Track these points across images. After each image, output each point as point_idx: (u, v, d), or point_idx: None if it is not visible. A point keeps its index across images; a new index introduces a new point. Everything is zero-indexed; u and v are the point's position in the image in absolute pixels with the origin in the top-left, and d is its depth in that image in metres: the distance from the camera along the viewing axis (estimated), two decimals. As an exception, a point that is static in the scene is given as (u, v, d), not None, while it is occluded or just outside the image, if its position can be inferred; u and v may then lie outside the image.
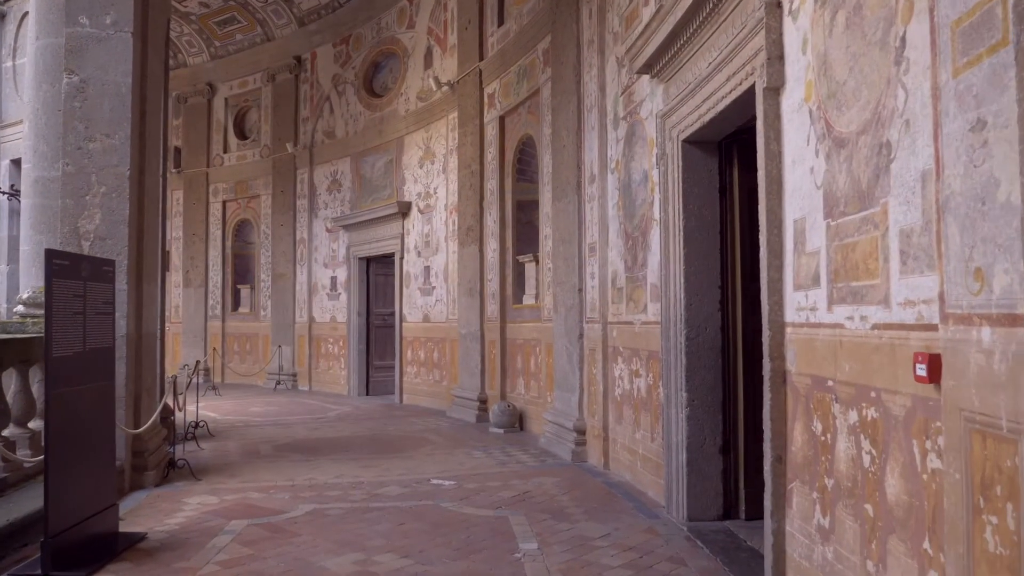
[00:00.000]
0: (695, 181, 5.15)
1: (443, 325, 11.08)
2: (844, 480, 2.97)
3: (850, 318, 2.90)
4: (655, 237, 5.66)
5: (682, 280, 5.11)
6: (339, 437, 8.53)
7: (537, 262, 8.77)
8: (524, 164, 9.34)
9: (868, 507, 2.78)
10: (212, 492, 5.66)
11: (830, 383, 3.09)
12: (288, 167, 14.27)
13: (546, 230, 8.30)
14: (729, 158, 5.20)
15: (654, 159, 5.67)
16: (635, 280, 6.10)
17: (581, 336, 7.20)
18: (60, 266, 3.40)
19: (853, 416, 2.89)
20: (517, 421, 8.88)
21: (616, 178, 6.54)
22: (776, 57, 3.62)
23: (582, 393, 7.18)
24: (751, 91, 4.03)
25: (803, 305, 3.35)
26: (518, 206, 9.38)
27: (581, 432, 7.10)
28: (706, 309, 5.13)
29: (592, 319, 6.98)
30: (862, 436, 2.82)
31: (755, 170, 5.23)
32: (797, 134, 3.42)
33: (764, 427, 3.74)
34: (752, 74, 3.91)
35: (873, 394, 2.73)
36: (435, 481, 6.22)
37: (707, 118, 4.67)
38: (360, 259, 12.92)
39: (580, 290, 7.21)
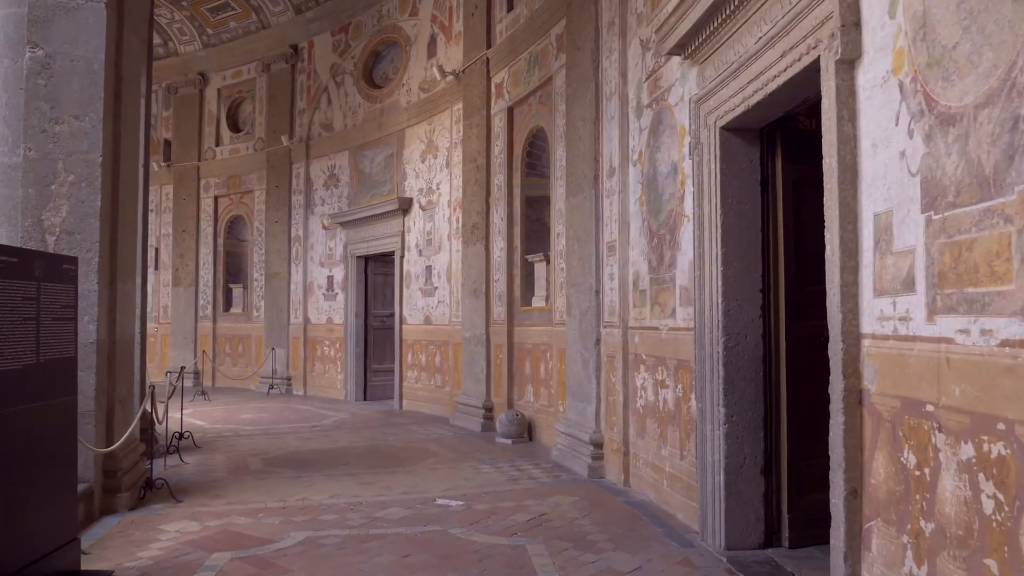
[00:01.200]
0: (734, 173, 4.63)
1: (445, 328, 10.55)
2: (952, 526, 2.44)
3: (964, 332, 2.38)
4: (686, 235, 5.14)
5: (719, 283, 4.59)
6: (335, 448, 7.99)
7: (548, 262, 8.25)
8: (534, 158, 8.82)
9: (991, 563, 2.26)
10: (193, 516, 5.11)
11: (929, 408, 2.57)
12: (283, 161, 13.72)
13: (558, 228, 7.78)
14: (771, 148, 4.68)
15: (685, 149, 5.15)
16: (661, 282, 5.58)
17: (598, 342, 6.68)
18: (6, 264, 2.85)
19: (967, 451, 2.37)
20: (526, 431, 8.35)
21: (639, 171, 6.02)
22: (851, 24, 3.09)
23: (599, 403, 6.65)
24: (813, 67, 3.51)
25: (888, 314, 2.83)
26: (527, 202, 8.85)
27: (598, 446, 6.57)
28: (746, 315, 4.61)
29: (611, 324, 6.46)
30: (982, 476, 2.30)
31: (801, 161, 4.74)
32: (880, 113, 2.90)
33: (832, 454, 3.22)
34: (816, 46, 3.39)
35: (1001, 426, 2.21)
36: (441, 501, 5.69)
37: (753, 101, 4.15)
38: (358, 258, 12.38)
39: (597, 292, 6.69)
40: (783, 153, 4.64)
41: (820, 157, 4.81)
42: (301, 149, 13.49)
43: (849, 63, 3.10)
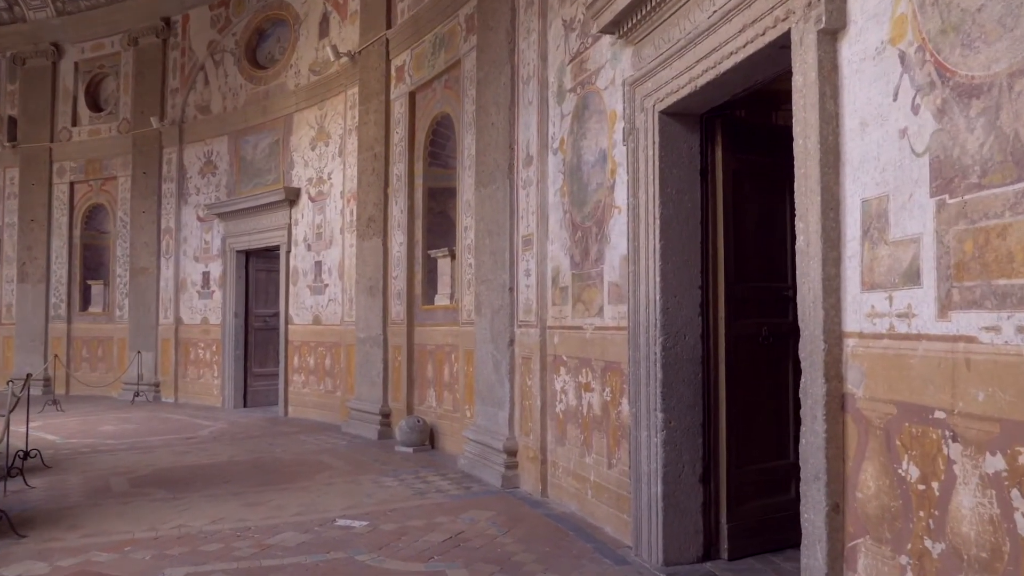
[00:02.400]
0: (673, 161, 4.32)
1: (337, 328, 9.81)
2: (971, 547, 2.17)
3: (991, 329, 2.10)
4: (617, 227, 4.80)
5: (657, 278, 4.27)
6: (215, 463, 7.13)
7: (453, 257, 7.74)
8: (438, 147, 8.28)
9: (1026, 593, 1.99)
10: (41, 555, 4.24)
11: (939, 415, 2.29)
12: (152, 145, 12.44)
13: (466, 221, 7.30)
14: (711, 136, 4.41)
15: (617, 135, 4.81)
16: (586, 278, 5.22)
17: (512, 342, 6.25)
18: None
19: (994, 463, 2.09)
20: (428, 439, 7.80)
21: (560, 160, 5.64)
22: (836, -10, 2.81)
23: (513, 408, 6.22)
24: (778, 43, 3.23)
25: (882, 310, 2.54)
26: (430, 194, 8.30)
27: (512, 454, 6.14)
28: (685, 313, 4.30)
29: (527, 323, 6.04)
30: (1016, 492, 2.02)
31: (741, 151, 4.51)
32: (872, 88, 2.62)
33: (806, 464, 2.93)
34: (787, 18, 3.09)
35: (1045, 437, 1.94)
36: (342, 521, 5.08)
37: (701, 82, 3.84)
38: (238, 252, 11.38)
39: (511, 289, 6.26)
40: (723, 142, 4.38)
41: (761, 147, 4.63)
42: (174, 132, 12.28)
43: (832, 34, 2.81)
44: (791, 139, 4.87)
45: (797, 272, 3.00)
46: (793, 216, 4.70)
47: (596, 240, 5.09)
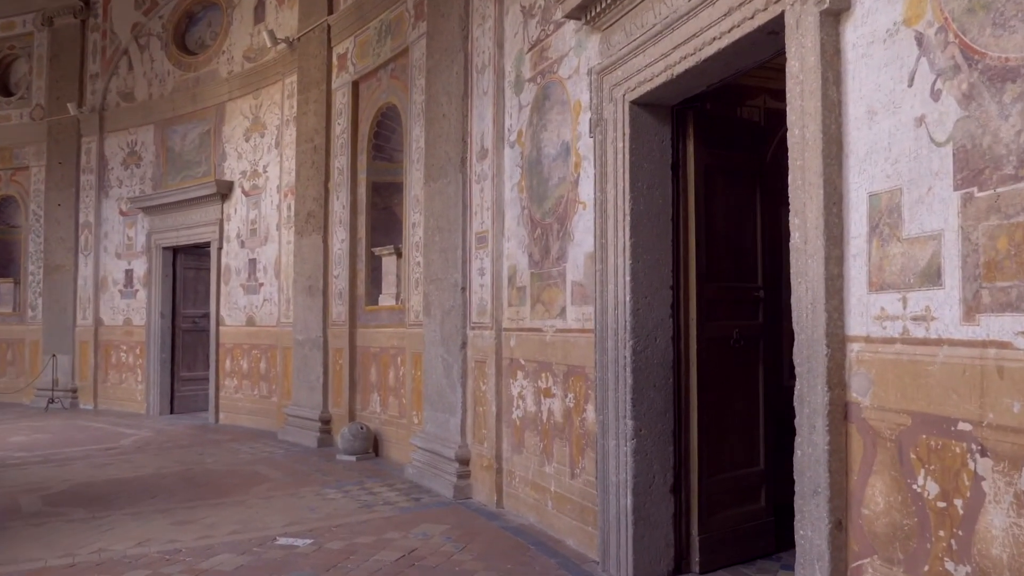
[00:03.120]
0: (644, 154, 4.10)
1: (273, 330, 9.30)
2: (1003, 572, 1.99)
3: (1031, 334, 1.92)
4: (581, 224, 4.56)
5: (627, 278, 4.04)
6: (140, 477, 6.58)
7: (400, 255, 7.37)
8: (383, 139, 7.90)
9: (1073, 624, 1.81)
10: (-61, 591, 3.75)
11: (964, 427, 2.10)
12: (70, 134, 11.60)
13: (414, 217, 6.95)
14: (682, 128, 4.21)
15: (582, 127, 4.56)
16: (546, 278, 4.96)
17: (464, 345, 5.94)
18: None
19: (1034, 482, 1.91)
20: (371, 446, 7.41)
21: (518, 153, 5.37)
22: (837, -31, 2.62)
23: (465, 415, 5.91)
24: (767, 27, 3.03)
25: (893, 313, 2.35)
26: (375, 189, 7.91)
27: (464, 462, 5.83)
28: (656, 314, 4.09)
29: (480, 325, 5.75)
30: (1060, 515, 1.85)
31: (712, 145, 4.32)
32: (881, 73, 2.43)
33: (801, 478, 2.72)
34: (779, 0, 2.89)
35: (1099, 453, 1.77)
36: (284, 540, 4.68)
37: (678, 70, 3.62)
38: (165, 249, 10.70)
39: (464, 289, 5.95)
40: (695, 135, 4.18)
41: (733, 142, 4.45)
42: (93, 120, 11.48)
43: (835, 15, 2.61)
44: (761, 134, 4.78)
45: (792, 272, 2.79)
46: (762, 213, 4.59)
47: (558, 237, 4.83)
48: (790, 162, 2.83)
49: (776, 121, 5.25)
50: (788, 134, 2.85)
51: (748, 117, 5.10)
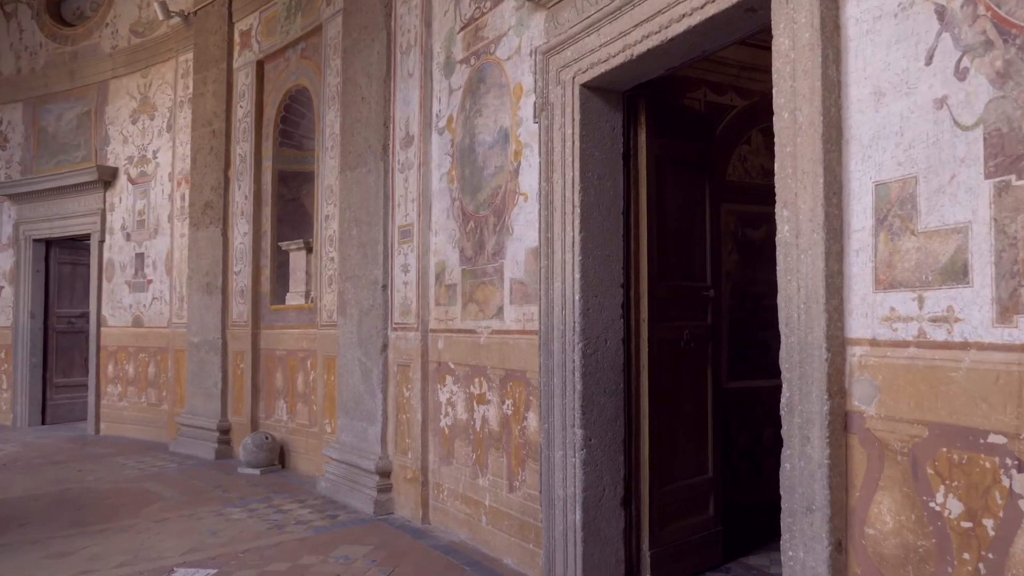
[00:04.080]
0: (595, 142, 3.81)
1: (163, 331, 8.48)
2: (1045, 604, 1.79)
3: (1084, 337, 1.72)
4: (521, 217, 4.22)
5: (577, 275, 3.73)
6: (7, 501, 5.73)
7: (310, 250, 6.81)
8: (292, 124, 7.29)
9: None
10: None
11: (995, 440, 1.90)
12: (-79, 110, 10.24)
13: (327, 209, 6.41)
14: (633, 116, 3.94)
15: (524, 112, 4.23)
16: (481, 275, 4.59)
17: (385, 347, 5.48)
18: None
19: (1086, 502, 1.71)
20: (277, 458, 6.81)
21: (448, 140, 4.98)
22: (835, -64, 2.39)
23: (386, 423, 5.46)
24: (747, 3, 2.79)
25: (906, 313, 2.14)
26: (282, 178, 7.29)
27: (385, 475, 5.38)
28: (606, 315, 3.80)
29: (404, 325, 5.31)
30: (1121, 539, 1.65)
31: (664, 134, 4.06)
32: (893, 51, 2.21)
33: (790, 494, 2.49)
34: (765, -29, 2.65)
35: None
36: (183, 572, 4.11)
37: (640, 50, 3.34)
38: (36, 241, 9.59)
39: (384, 287, 5.50)
40: (647, 123, 3.93)
41: (683, 132, 4.23)
42: (-51, 95, 10.17)
43: (833, -13, 2.38)
44: (708, 125, 4.56)
45: (780, 269, 2.55)
46: (712, 209, 4.40)
47: (494, 231, 4.48)
48: (777, 149, 2.59)
49: (716, 114, 5.11)
50: (775, 118, 2.60)
51: (693, 107, 4.93)
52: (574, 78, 3.78)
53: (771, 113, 2.57)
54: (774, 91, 2.61)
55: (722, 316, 4.97)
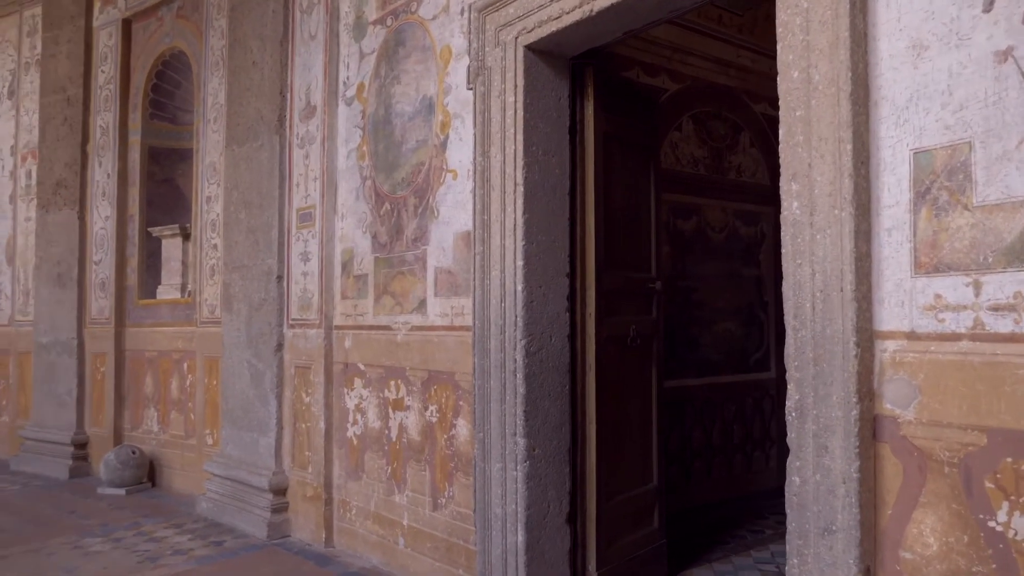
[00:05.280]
0: (540, 112, 3.37)
1: (4, 330, 7.28)
2: None
3: None
4: (449, 197, 3.72)
5: (519, 263, 3.28)
6: None
7: (187, 237, 5.98)
8: (165, 94, 6.39)
9: None
10: None
11: (1079, 449, 1.61)
12: None
13: (210, 189, 5.63)
14: (580, 86, 3.54)
15: (451, 79, 3.73)
16: (399, 263, 4.05)
17: (280, 347, 4.81)
18: None
19: None
20: (147, 475, 5.93)
21: (358, 111, 4.39)
22: None
23: (281, 433, 4.79)
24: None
25: (957, 302, 1.83)
26: (153, 155, 6.38)
27: (281, 492, 4.71)
28: (552, 308, 3.37)
29: (303, 322, 4.67)
30: None
31: (611, 109, 3.68)
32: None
33: (799, 512, 2.14)
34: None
35: None
36: (32, 625, 3.32)
37: (601, 5, 2.93)
38: None
39: (280, 278, 4.82)
40: (595, 95, 3.53)
41: (630, 109, 3.86)
42: None
43: (860, -76, 2.06)
44: (653, 104, 4.20)
45: (786, 252, 2.21)
46: (656, 193, 4.07)
47: (415, 214, 3.95)
48: (783, 114, 2.25)
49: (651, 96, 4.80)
50: (780, 79, 2.27)
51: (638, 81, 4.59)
52: (517, 39, 3.32)
53: (705, 99, 2.24)
54: (779, 47, 2.28)
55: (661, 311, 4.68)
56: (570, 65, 3.47)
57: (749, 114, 5.26)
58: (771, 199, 5.43)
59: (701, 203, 5.00)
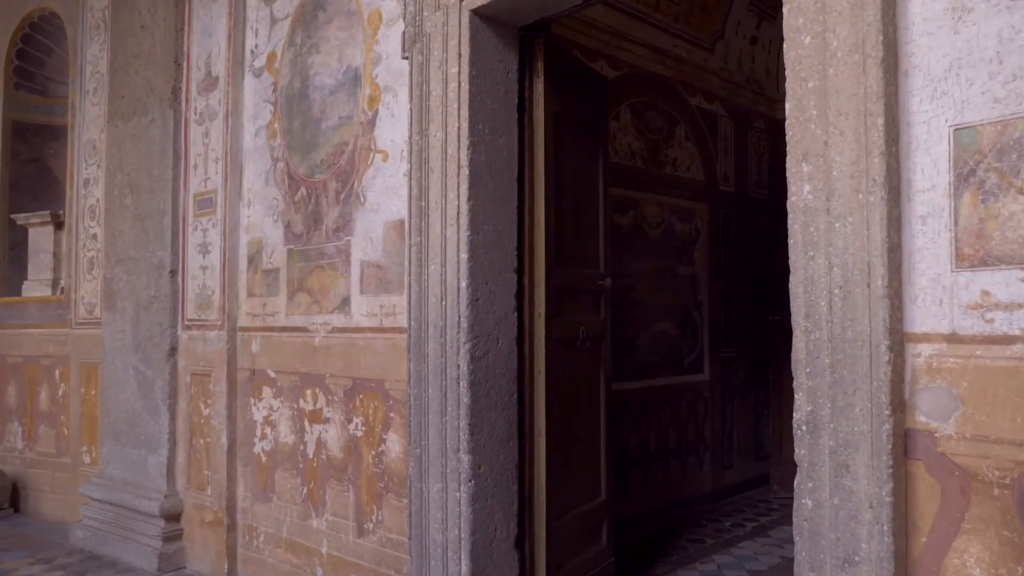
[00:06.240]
0: (487, 87, 2.99)
1: None
2: None
3: None
4: (378, 180, 3.29)
5: (464, 255, 2.89)
6: None
7: (60, 226, 5.22)
8: (33, 62, 5.57)
9: None
10: None
11: None
12: None
13: (89, 171, 4.92)
14: (529, 60, 3.18)
15: (381, 48, 3.31)
16: (317, 256, 3.58)
17: (174, 351, 4.22)
18: None
19: None
20: (9, 499, 5.14)
21: (269, 83, 3.88)
22: None
23: (174, 449, 4.20)
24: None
25: (1009, 299, 1.60)
26: (18, 132, 5.54)
27: (174, 518, 4.12)
28: (499, 307, 3.00)
29: (203, 322, 4.10)
30: None
31: (561, 88, 3.35)
32: (978, -53, 1.66)
33: (812, 540, 1.87)
34: None
35: None
36: None
37: (563, -37, 2.59)
38: None
39: (173, 273, 4.23)
40: (545, 71, 3.18)
41: (579, 90, 3.53)
42: None
43: None
44: (602, 86, 3.85)
45: (795, 243, 1.93)
46: (605, 183, 3.76)
47: (337, 200, 3.49)
48: (790, 86, 1.97)
49: (588, 83, 4.51)
50: (787, 45, 1.98)
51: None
52: (461, 2, 2.93)
53: (643, 88, 1.95)
54: (786, 10, 1.99)
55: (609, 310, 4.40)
56: (519, 36, 3.11)
57: (685, 106, 5.07)
58: (706, 195, 5.26)
59: (638, 197, 4.75)
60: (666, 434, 4.86)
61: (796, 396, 1.93)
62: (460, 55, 2.93)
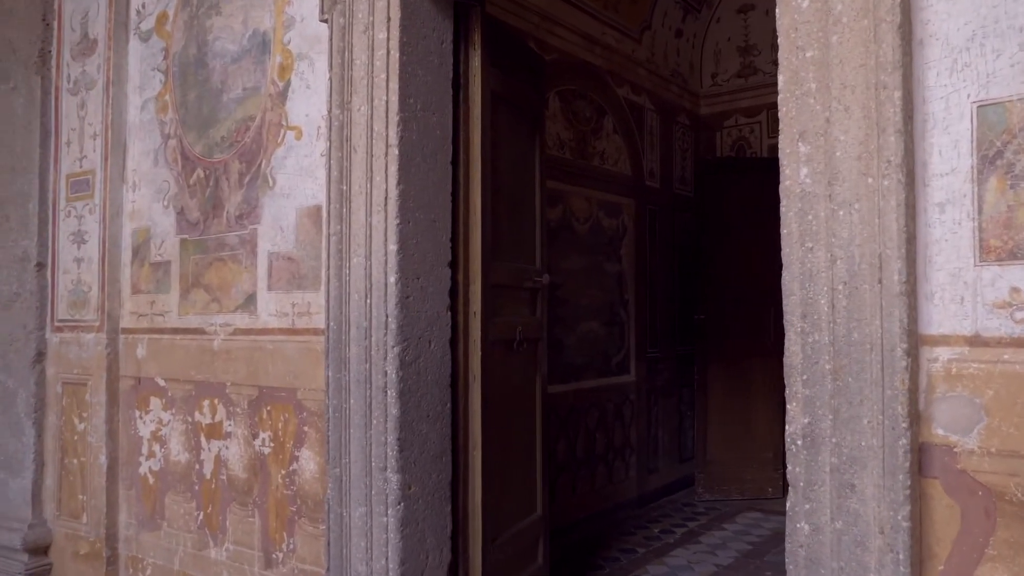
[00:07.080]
0: (419, 57, 2.65)
1: None
2: None
3: None
4: (290, 161, 2.89)
5: (393, 247, 2.54)
6: None
7: (-100, 210, 4.46)
8: None
9: None
10: None
11: None
12: None
13: (-65, 146, 4.21)
14: (465, 31, 2.86)
15: (293, 9, 2.92)
16: (216, 247, 3.13)
17: (41, 357, 3.64)
18: None
19: None
20: None
21: (160, 49, 3.38)
22: None
23: (41, 471, 3.62)
24: None
25: (1042, 296, 1.42)
26: None
27: (41, 551, 3.55)
28: (431, 305, 2.67)
29: (77, 323, 3.55)
30: None
31: (500, 65, 3.04)
32: (1005, -99, 1.48)
33: (810, 570, 1.65)
34: None
35: None
36: None
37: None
38: None
39: (41, 266, 3.65)
40: (482, 43, 2.87)
41: (517, 68, 3.22)
42: None
43: None
44: (540, 66, 3.54)
45: (788, 234, 1.71)
46: (541, 174, 3.48)
47: (241, 183, 3.05)
48: (783, 56, 1.74)
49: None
50: (782, 11, 1.75)
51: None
52: (391, -41, 2.58)
53: (572, 76, 1.73)
54: (779, -31, 1.76)
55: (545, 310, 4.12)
56: (453, 5, 2.79)
57: (613, 97, 4.88)
58: (633, 190, 5.09)
59: (567, 190, 4.51)
60: (594, 438, 4.65)
61: (789, 406, 1.71)
62: (389, 19, 2.58)
